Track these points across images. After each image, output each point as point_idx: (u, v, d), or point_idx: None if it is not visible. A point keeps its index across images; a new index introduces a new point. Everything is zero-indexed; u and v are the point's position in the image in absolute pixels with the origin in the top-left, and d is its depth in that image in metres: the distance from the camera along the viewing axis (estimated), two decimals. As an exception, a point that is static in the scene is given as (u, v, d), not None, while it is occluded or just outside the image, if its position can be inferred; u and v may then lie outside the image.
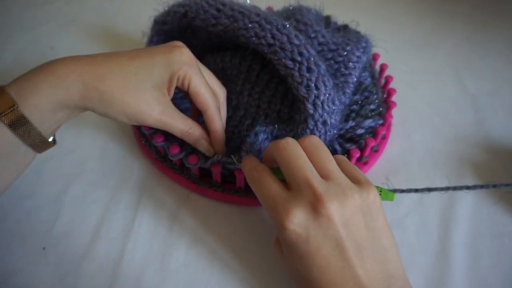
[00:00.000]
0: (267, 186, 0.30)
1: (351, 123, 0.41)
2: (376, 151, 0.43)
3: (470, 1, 0.69)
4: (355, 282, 0.27)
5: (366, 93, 0.44)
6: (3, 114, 0.28)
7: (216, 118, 0.36)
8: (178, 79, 0.34)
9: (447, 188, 0.37)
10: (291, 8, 0.47)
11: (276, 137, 0.38)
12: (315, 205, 0.27)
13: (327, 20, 0.52)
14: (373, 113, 0.43)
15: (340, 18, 0.53)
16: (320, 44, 0.42)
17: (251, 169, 0.32)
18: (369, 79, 0.46)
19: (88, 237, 0.36)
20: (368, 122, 0.41)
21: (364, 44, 0.44)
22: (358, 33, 0.49)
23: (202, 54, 0.47)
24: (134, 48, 0.49)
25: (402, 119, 0.48)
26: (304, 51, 0.36)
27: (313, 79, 0.36)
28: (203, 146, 0.37)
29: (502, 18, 0.66)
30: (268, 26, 0.37)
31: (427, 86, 0.54)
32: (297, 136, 0.37)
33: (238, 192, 0.39)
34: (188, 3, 0.42)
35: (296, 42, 0.37)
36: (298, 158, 0.30)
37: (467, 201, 0.40)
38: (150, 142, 0.40)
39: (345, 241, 0.27)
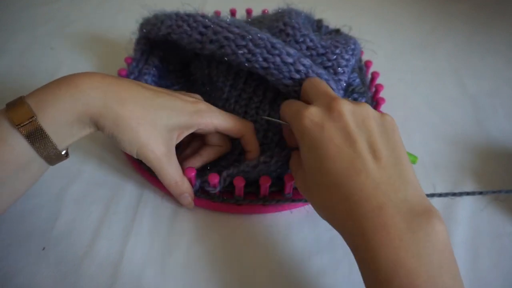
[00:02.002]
0: (294, 102, 0.35)
1: None
2: None
3: (470, 1, 0.69)
4: (366, 175, 0.27)
5: (354, 95, 0.44)
6: (21, 125, 0.28)
7: (253, 140, 0.38)
8: (200, 128, 0.36)
9: (432, 195, 0.38)
10: (280, 10, 0.46)
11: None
12: (330, 103, 0.31)
13: (319, 24, 0.52)
14: None
15: (340, 18, 0.53)
16: (308, 48, 0.41)
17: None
18: (357, 80, 0.45)
19: (88, 237, 0.36)
20: None
21: (352, 46, 0.43)
22: (346, 35, 0.48)
23: (189, 59, 0.47)
24: (129, 44, 0.49)
25: (402, 119, 0.48)
26: (301, 68, 0.36)
27: None
28: (186, 200, 0.37)
29: (502, 18, 0.66)
30: (258, 50, 0.37)
31: (427, 86, 0.54)
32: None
33: (213, 198, 0.38)
34: (170, 24, 0.41)
35: (290, 60, 0.36)
36: (325, 83, 0.35)
37: (467, 201, 0.40)
38: None
39: (355, 134, 0.29)
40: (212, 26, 0.39)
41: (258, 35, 0.37)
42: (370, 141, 0.29)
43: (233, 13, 0.57)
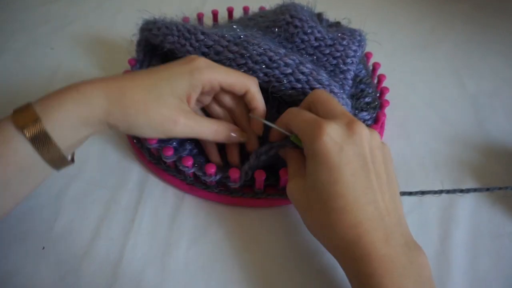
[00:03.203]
0: (304, 112, 0.32)
1: None
2: None
3: (470, 1, 0.69)
4: (375, 207, 0.28)
5: (362, 86, 0.44)
6: (25, 128, 0.29)
7: (258, 96, 0.37)
8: (205, 86, 0.35)
9: (440, 192, 0.38)
10: (284, 4, 0.47)
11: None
12: (351, 125, 0.30)
13: (319, 17, 0.52)
14: (368, 107, 0.43)
15: (340, 18, 0.53)
16: (316, 39, 0.42)
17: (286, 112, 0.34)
18: (364, 71, 0.46)
19: (88, 237, 0.36)
20: (363, 115, 0.42)
21: (358, 38, 0.44)
22: (349, 27, 0.49)
23: None
24: (131, 45, 0.49)
25: (402, 119, 0.48)
26: (301, 77, 0.37)
27: None
28: (236, 138, 0.37)
29: (502, 18, 0.66)
30: (257, 67, 0.38)
31: (427, 86, 0.54)
32: None
33: (232, 193, 0.39)
34: (173, 41, 0.41)
35: (289, 71, 0.37)
36: (334, 99, 0.33)
37: (466, 201, 0.40)
38: (143, 144, 0.39)
39: (370, 164, 0.29)
40: (213, 45, 0.39)
41: (255, 51, 0.38)
42: (377, 172, 0.30)
43: (230, 11, 0.57)
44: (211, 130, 0.36)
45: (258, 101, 0.37)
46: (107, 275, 0.34)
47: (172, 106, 0.33)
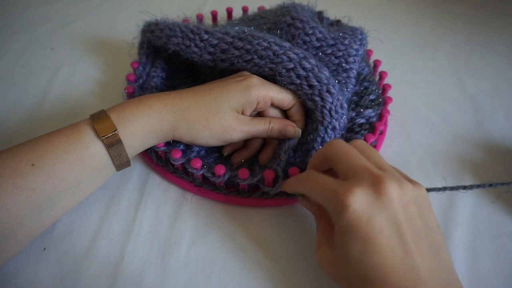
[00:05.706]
0: (322, 178, 0.30)
1: (351, 114, 0.42)
2: (373, 146, 0.44)
3: (470, 1, 0.69)
4: (416, 273, 0.26)
5: (365, 83, 0.45)
6: (105, 136, 0.33)
7: (302, 110, 0.40)
8: (260, 102, 0.38)
9: (444, 189, 0.37)
10: (285, 5, 0.47)
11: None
12: (376, 185, 0.27)
13: (320, 16, 0.53)
14: (373, 104, 0.43)
15: (340, 18, 0.53)
16: (318, 40, 0.43)
17: (297, 176, 0.34)
18: (366, 69, 0.47)
19: (88, 238, 0.36)
20: (368, 112, 0.42)
21: (360, 36, 0.44)
22: (350, 26, 0.49)
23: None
24: (132, 48, 0.50)
25: (402, 119, 0.48)
26: (301, 72, 0.37)
27: (316, 92, 0.37)
28: (290, 131, 0.39)
29: (502, 18, 0.66)
30: (263, 62, 0.38)
31: (427, 86, 0.54)
32: (308, 144, 0.38)
33: (240, 194, 0.39)
34: (177, 42, 0.41)
35: (291, 66, 0.38)
36: (352, 150, 0.31)
37: (466, 201, 0.40)
38: (151, 148, 0.39)
39: (404, 225, 0.27)
40: (218, 44, 0.40)
41: (260, 46, 0.38)
42: (414, 230, 0.27)
43: (229, 12, 0.57)
44: (265, 129, 0.38)
45: (301, 114, 0.40)
46: (108, 275, 0.34)
47: (230, 117, 0.37)
